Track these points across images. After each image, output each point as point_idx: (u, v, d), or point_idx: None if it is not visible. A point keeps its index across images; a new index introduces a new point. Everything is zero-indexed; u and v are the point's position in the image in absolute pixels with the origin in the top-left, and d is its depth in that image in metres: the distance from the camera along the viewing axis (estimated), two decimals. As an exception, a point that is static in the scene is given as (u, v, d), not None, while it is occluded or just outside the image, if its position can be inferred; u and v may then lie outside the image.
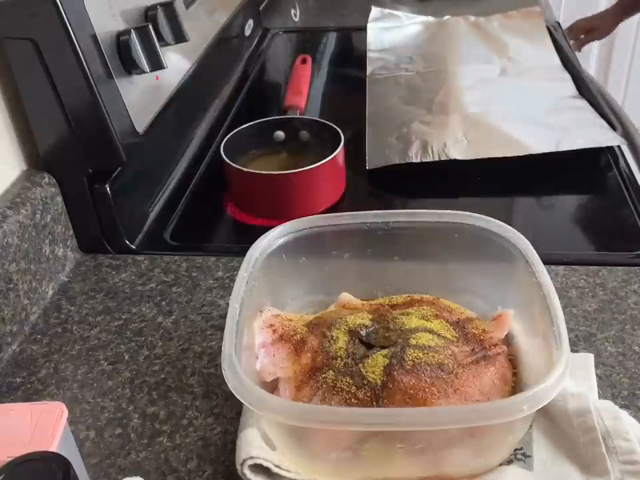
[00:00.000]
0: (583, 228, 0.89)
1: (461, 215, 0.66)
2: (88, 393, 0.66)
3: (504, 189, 0.95)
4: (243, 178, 0.90)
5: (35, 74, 0.75)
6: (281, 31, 1.52)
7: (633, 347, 0.67)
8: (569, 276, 0.76)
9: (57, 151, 0.80)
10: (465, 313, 0.65)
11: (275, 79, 1.39)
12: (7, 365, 0.70)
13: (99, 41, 0.76)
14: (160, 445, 0.61)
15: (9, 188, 0.77)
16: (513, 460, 0.56)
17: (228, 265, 0.81)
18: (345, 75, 1.36)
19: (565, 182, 0.95)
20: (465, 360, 0.57)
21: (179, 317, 0.75)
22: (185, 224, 0.91)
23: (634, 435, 0.55)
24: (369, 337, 0.60)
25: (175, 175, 0.98)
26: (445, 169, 0.95)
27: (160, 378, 0.67)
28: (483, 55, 1.23)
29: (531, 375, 0.58)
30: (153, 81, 0.88)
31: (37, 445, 0.47)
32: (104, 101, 0.77)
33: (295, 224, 0.67)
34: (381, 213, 0.68)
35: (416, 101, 1.11)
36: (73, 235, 0.84)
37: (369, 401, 0.54)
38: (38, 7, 0.71)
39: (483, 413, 0.50)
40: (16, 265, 0.72)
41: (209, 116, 1.12)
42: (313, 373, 0.58)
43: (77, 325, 0.75)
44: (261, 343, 0.61)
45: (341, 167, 0.93)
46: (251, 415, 0.57)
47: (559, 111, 1.04)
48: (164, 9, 0.85)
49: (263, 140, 0.99)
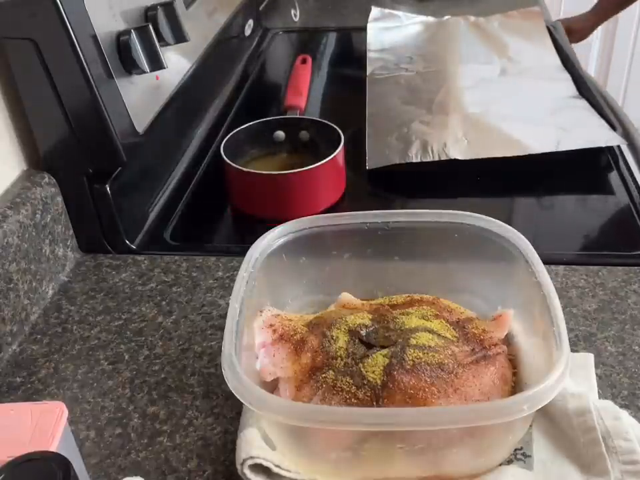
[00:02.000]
0: (583, 228, 0.89)
1: (460, 215, 0.66)
2: (88, 393, 0.66)
3: (504, 189, 0.95)
4: (243, 178, 0.90)
5: (35, 74, 0.75)
6: (280, 31, 1.52)
7: (633, 347, 0.67)
8: (568, 276, 0.76)
9: (57, 151, 0.80)
10: (465, 312, 0.65)
11: (275, 79, 1.39)
12: (7, 365, 0.70)
13: (99, 41, 0.76)
14: (160, 445, 0.61)
15: (8, 188, 0.77)
16: (513, 460, 0.56)
17: (228, 265, 0.81)
18: (345, 75, 1.36)
19: (565, 182, 0.95)
20: (465, 360, 0.57)
21: (179, 317, 0.75)
22: (185, 224, 0.91)
23: (634, 435, 0.55)
24: (369, 336, 0.60)
25: (175, 175, 0.98)
26: (444, 169, 0.95)
27: (160, 378, 0.67)
28: (483, 55, 1.23)
29: (531, 375, 0.58)
30: (153, 81, 0.88)
31: (37, 444, 0.47)
32: (104, 101, 0.77)
33: (295, 224, 0.67)
34: (381, 213, 0.68)
35: (416, 100, 1.11)
36: (72, 235, 0.84)
37: (369, 401, 0.54)
38: (38, 6, 0.71)
39: (483, 413, 0.50)
40: (16, 264, 0.72)
41: (209, 116, 1.12)
42: (312, 373, 0.58)
43: (77, 325, 0.75)
44: (260, 343, 0.61)
45: (341, 167, 0.93)
46: (250, 415, 0.57)
47: (559, 111, 1.04)
48: (164, 8, 0.85)
49: (263, 140, 0.99)
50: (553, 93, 1.10)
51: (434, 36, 1.33)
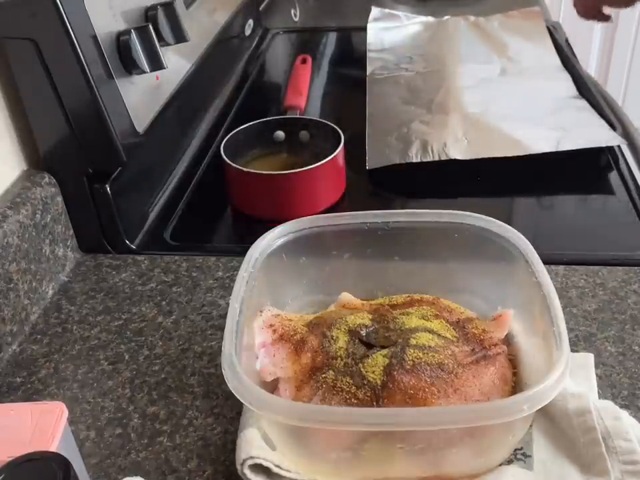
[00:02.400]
0: (583, 228, 0.89)
1: (460, 215, 0.66)
2: (88, 393, 0.66)
3: (504, 188, 0.95)
4: (243, 178, 0.90)
5: (35, 74, 0.75)
6: (281, 31, 1.52)
7: (632, 347, 0.67)
8: (568, 276, 0.76)
9: (57, 151, 0.80)
10: (465, 312, 0.65)
11: (275, 79, 1.39)
12: (7, 365, 0.70)
13: (99, 41, 0.76)
14: (160, 445, 0.61)
15: (9, 188, 0.77)
16: (513, 460, 0.56)
17: (228, 265, 0.81)
18: (345, 75, 1.36)
19: (565, 182, 0.95)
20: (465, 360, 0.57)
21: (179, 317, 0.75)
22: (185, 224, 0.91)
23: (634, 435, 0.55)
24: (369, 336, 0.60)
25: (175, 175, 0.98)
26: (445, 169, 0.95)
27: (160, 378, 0.67)
28: (483, 55, 1.23)
29: (531, 374, 0.58)
30: (153, 81, 0.88)
31: (37, 445, 0.47)
32: (104, 101, 0.77)
33: (295, 224, 0.67)
34: (381, 213, 0.68)
35: (416, 100, 1.11)
36: (72, 235, 0.84)
37: (369, 401, 0.54)
38: (38, 6, 0.71)
39: (483, 413, 0.50)
40: (16, 264, 0.72)
41: (209, 116, 1.12)
42: (313, 373, 0.58)
43: (77, 325, 0.75)
44: (260, 343, 0.61)
45: (341, 167, 0.93)
46: (250, 415, 0.57)
47: (559, 111, 1.04)
48: (164, 8, 0.85)
49: (263, 140, 0.99)
50: (552, 93, 1.10)
51: (434, 36, 1.33)
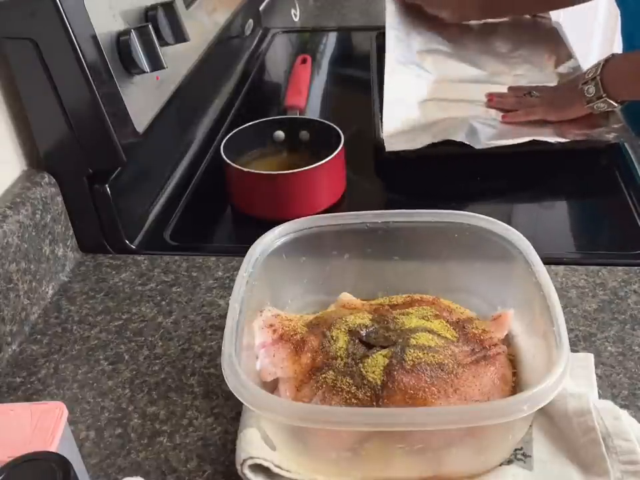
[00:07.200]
0: (583, 228, 0.89)
1: (461, 215, 0.66)
2: (88, 393, 0.66)
3: (504, 189, 0.95)
4: (243, 178, 0.90)
5: (35, 74, 0.74)
6: (280, 31, 1.52)
7: (632, 347, 0.67)
8: (569, 276, 0.76)
9: (57, 151, 0.80)
10: (465, 313, 0.65)
11: (275, 79, 1.39)
12: (7, 365, 0.70)
13: (99, 41, 0.76)
14: (160, 445, 0.61)
15: (9, 188, 0.77)
16: (513, 460, 0.56)
17: (228, 265, 0.81)
18: (345, 74, 1.36)
19: (565, 182, 0.95)
20: (465, 360, 0.57)
21: (178, 317, 0.75)
22: (185, 224, 0.91)
23: (634, 435, 0.55)
24: (369, 336, 0.60)
25: (175, 175, 0.98)
26: (445, 169, 0.95)
27: (160, 378, 0.67)
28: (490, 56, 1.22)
29: (531, 375, 0.58)
30: (153, 81, 0.88)
31: (37, 445, 0.47)
32: (104, 101, 0.77)
33: (295, 224, 0.67)
34: (381, 213, 0.68)
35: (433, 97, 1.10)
36: (72, 235, 0.84)
37: (369, 401, 0.54)
38: (38, 6, 0.71)
39: (483, 413, 0.50)
40: (16, 265, 0.72)
41: (209, 116, 1.12)
42: (312, 373, 0.58)
43: (77, 325, 0.75)
44: (260, 343, 0.61)
45: (341, 167, 0.93)
46: (250, 415, 0.57)
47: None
48: (164, 8, 0.85)
49: (263, 140, 0.99)
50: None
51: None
